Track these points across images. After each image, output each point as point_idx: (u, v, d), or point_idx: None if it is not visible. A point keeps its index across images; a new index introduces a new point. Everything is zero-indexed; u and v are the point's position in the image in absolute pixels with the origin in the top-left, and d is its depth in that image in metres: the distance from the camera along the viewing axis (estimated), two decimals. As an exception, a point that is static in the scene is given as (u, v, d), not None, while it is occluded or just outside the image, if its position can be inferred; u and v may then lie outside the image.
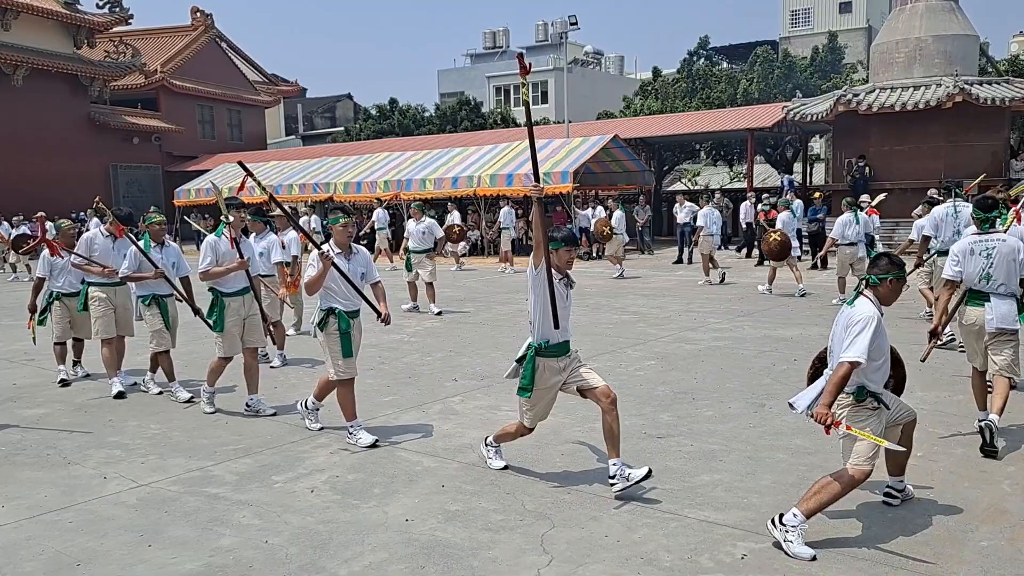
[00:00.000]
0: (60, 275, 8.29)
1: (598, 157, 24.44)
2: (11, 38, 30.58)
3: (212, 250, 6.99)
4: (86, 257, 7.76)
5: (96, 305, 7.83)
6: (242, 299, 7.09)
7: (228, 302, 6.97)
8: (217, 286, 6.99)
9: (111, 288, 7.85)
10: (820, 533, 4.29)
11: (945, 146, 21.03)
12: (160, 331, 7.58)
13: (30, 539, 4.48)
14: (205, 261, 6.98)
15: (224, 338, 6.98)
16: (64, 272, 8.24)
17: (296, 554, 4.21)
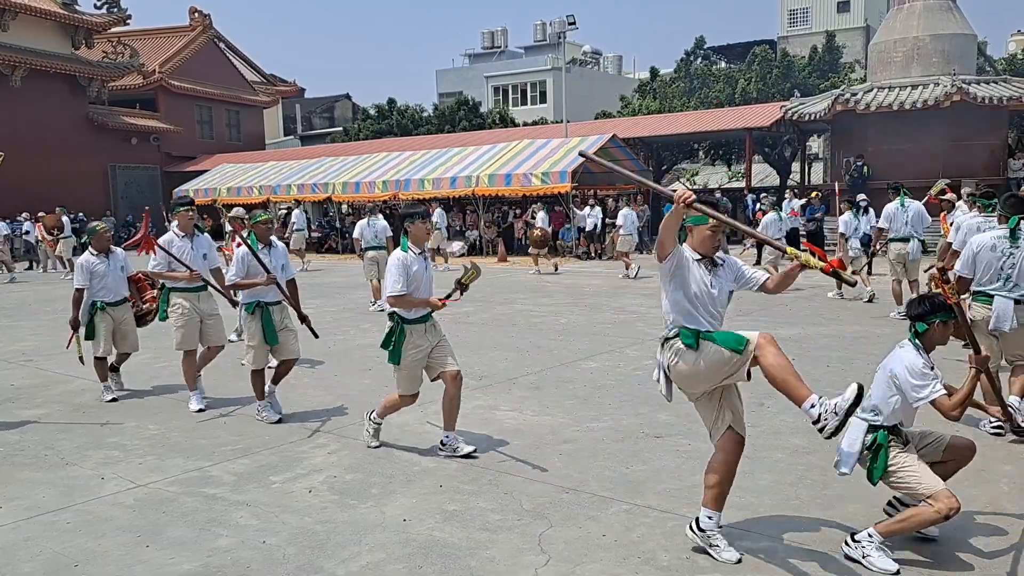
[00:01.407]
0: (101, 283, 7.50)
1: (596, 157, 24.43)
2: (9, 38, 30.56)
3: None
4: (175, 256, 7.10)
5: (178, 314, 7.16)
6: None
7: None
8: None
9: (194, 294, 7.21)
10: (819, 533, 4.30)
11: (943, 145, 21.07)
12: (257, 347, 6.65)
13: (28, 540, 4.48)
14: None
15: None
16: (105, 279, 7.49)
17: (294, 554, 4.21)
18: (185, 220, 7.18)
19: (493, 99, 49.42)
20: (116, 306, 7.57)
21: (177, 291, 7.18)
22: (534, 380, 7.99)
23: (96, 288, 7.44)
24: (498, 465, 5.49)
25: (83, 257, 7.48)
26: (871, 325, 10.54)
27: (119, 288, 7.59)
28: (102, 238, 7.55)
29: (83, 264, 7.42)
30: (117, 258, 7.60)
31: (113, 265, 7.53)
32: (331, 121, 54.16)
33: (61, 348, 10.47)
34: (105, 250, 7.53)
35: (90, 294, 7.44)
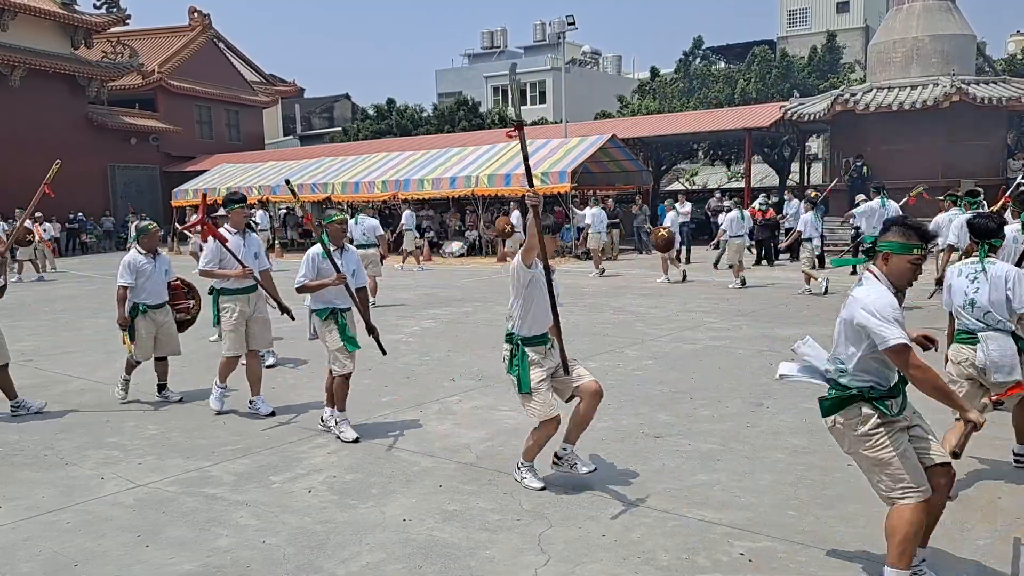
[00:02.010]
0: (145, 284, 7.24)
1: (596, 157, 24.45)
2: (9, 38, 30.55)
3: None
4: (230, 250, 6.75)
5: (227, 317, 6.83)
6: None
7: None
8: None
9: (244, 296, 6.86)
10: (819, 534, 4.31)
11: (942, 146, 21.06)
12: (340, 351, 6.16)
13: (28, 540, 4.48)
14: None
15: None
16: (149, 281, 7.25)
17: (294, 554, 4.21)
18: (239, 217, 6.92)
19: (493, 99, 49.39)
20: (157, 309, 7.38)
21: (228, 293, 6.85)
22: (534, 380, 7.98)
23: (139, 289, 7.23)
24: (498, 465, 5.49)
25: (130, 255, 7.27)
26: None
27: (161, 291, 7.42)
28: (153, 238, 7.38)
29: (130, 262, 7.18)
30: (163, 261, 7.43)
31: (159, 267, 7.34)
32: (330, 121, 54.15)
33: (61, 348, 10.50)
34: (153, 251, 7.37)
35: (132, 296, 7.21)
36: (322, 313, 6.19)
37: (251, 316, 6.90)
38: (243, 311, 6.85)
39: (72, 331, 11.96)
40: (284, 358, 9.27)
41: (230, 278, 6.77)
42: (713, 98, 34.53)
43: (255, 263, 6.90)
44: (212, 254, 6.80)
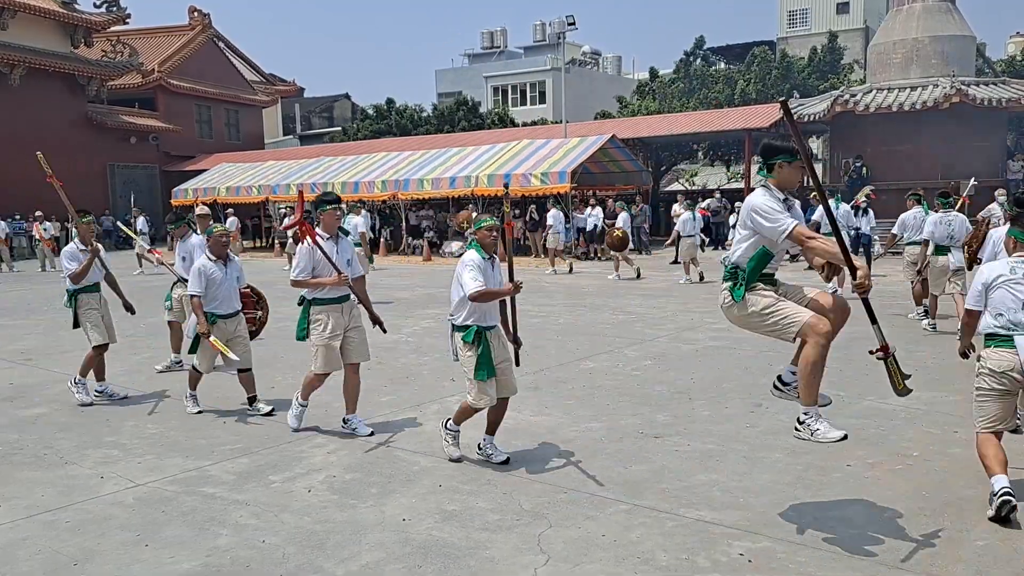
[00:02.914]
0: (216, 291, 6.81)
1: (596, 157, 24.45)
2: (8, 37, 30.53)
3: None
4: (326, 254, 6.09)
5: (319, 330, 6.10)
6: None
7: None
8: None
9: (338, 305, 6.17)
10: (818, 533, 4.31)
11: (942, 146, 21.08)
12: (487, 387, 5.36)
13: (27, 539, 4.48)
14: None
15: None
16: (220, 288, 6.82)
17: (293, 554, 4.21)
18: (332, 220, 6.23)
19: (492, 99, 49.40)
20: (229, 318, 6.91)
21: (321, 303, 6.12)
22: (533, 380, 7.99)
23: (210, 297, 6.78)
24: (497, 465, 5.49)
25: (200, 262, 6.84)
26: (867, 326, 10.54)
27: (233, 299, 6.94)
28: (218, 242, 6.87)
29: (200, 270, 6.75)
30: (235, 266, 6.97)
31: (230, 273, 6.89)
32: (330, 121, 54.16)
33: (61, 348, 10.48)
34: (223, 256, 6.89)
35: (202, 304, 6.80)
36: (468, 335, 5.30)
37: (348, 327, 6.22)
38: (338, 322, 6.14)
39: (71, 330, 11.92)
40: (283, 357, 9.26)
41: (325, 286, 6.07)
42: (713, 98, 34.55)
43: (348, 270, 6.22)
44: (305, 261, 6.07)
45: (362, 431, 6.26)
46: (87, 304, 7.55)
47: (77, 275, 7.40)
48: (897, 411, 6.45)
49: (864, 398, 6.92)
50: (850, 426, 6.14)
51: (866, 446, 5.67)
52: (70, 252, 7.52)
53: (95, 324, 7.52)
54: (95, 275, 7.60)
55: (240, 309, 7.05)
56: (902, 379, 4.34)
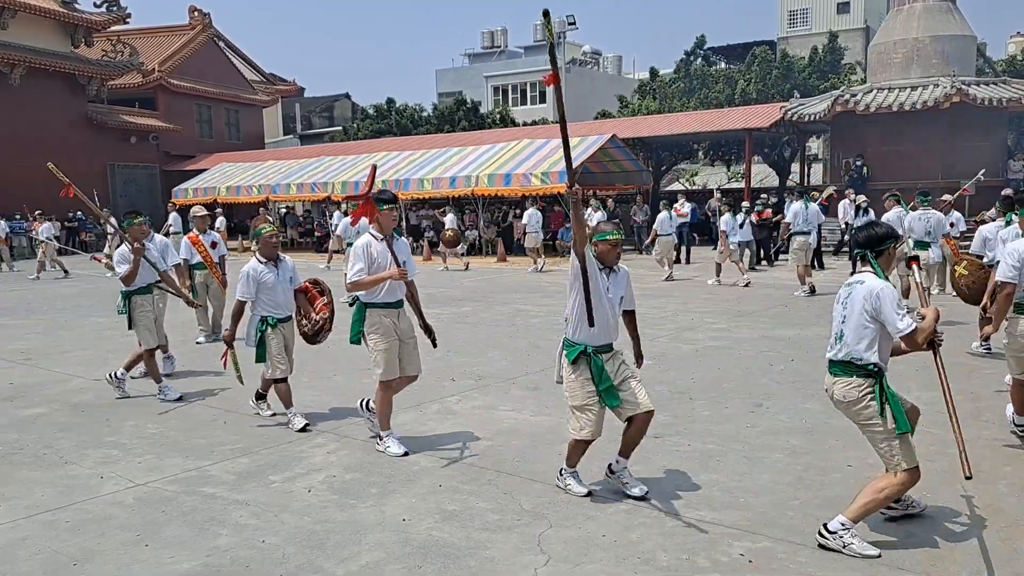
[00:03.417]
0: (270, 295, 6.44)
1: (596, 157, 24.46)
2: (9, 37, 30.53)
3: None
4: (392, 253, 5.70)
5: (379, 335, 5.69)
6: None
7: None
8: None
9: (394, 311, 5.79)
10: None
11: (943, 146, 21.08)
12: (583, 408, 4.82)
13: (27, 539, 4.48)
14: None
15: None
16: (274, 291, 6.45)
17: (293, 554, 4.21)
18: (388, 220, 5.79)
19: (493, 99, 49.39)
20: (285, 323, 6.54)
21: (376, 306, 5.73)
22: (533, 380, 7.99)
23: (264, 301, 6.43)
24: (497, 465, 5.49)
25: (250, 265, 6.44)
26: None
27: (289, 302, 6.58)
28: (268, 243, 6.48)
29: (249, 273, 6.37)
30: (286, 267, 6.57)
31: (282, 275, 6.50)
32: (330, 120, 54.15)
33: (60, 347, 10.49)
34: (274, 257, 6.51)
35: (257, 308, 6.45)
36: (572, 353, 4.83)
37: (403, 335, 5.83)
38: (394, 327, 5.76)
39: (71, 330, 11.96)
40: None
41: (383, 282, 5.63)
42: (713, 98, 34.54)
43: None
44: (363, 260, 5.62)
45: (394, 450, 5.74)
46: (140, 306, 7.57)
47: (127, 277, 7.41)
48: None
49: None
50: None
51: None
52: (121, 254, 7.52)
53: (147, 327, 7.56)
54: (147, 276, 7.61)
55: (291, 315, 6.64)
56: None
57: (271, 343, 6.40)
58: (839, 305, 4.30)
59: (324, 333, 6.74)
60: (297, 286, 6.69)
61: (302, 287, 6.76)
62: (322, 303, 6.76)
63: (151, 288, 7.72)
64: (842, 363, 4.21)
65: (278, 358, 6.43)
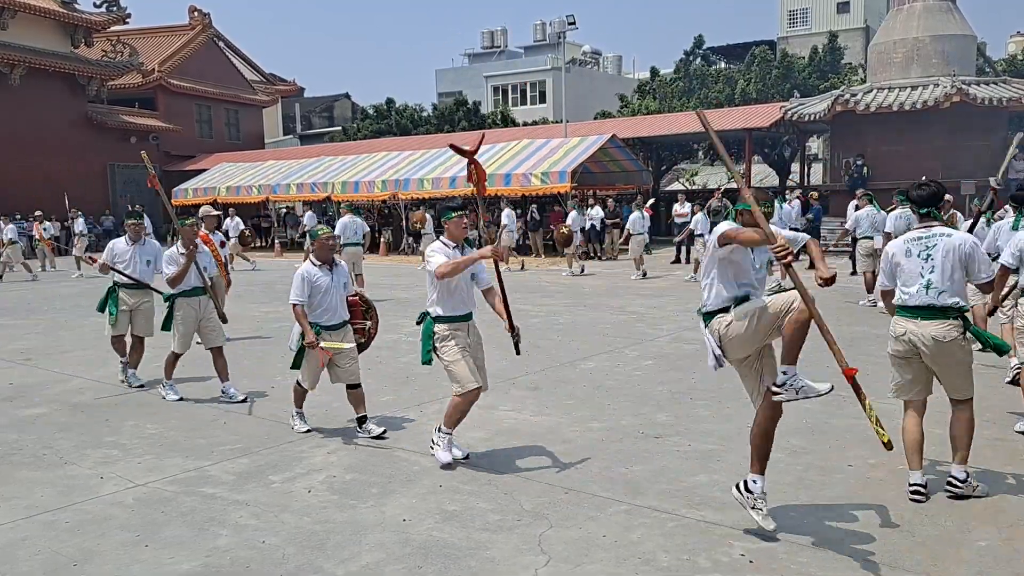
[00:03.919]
0: (322, 300, 6.11)
1: (596, 157, 24.46)
2: (8, 37, 30.53)
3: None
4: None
5: (450, 347, 5.40)
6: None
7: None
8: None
9: (464, 323, 5.52)
10: (819, 533, 4.30)
11: (943, 146, 21.06)
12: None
13: (27, 539, 4.47)
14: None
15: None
16: (327, 297, 6.12)
17: (293, 554, 4.20)
18: (458, 229, 5.61)
19: (493, 99, 49.37)
20: (335, 329, 6.20)
21: (445, 320, 5.45)
22: (533, 380, 7.99)
23: (315, 307, 6.11)
24: (497, 465, 5.48)
25: (304, 267, 6.12)
26: (871, 325, 10.53)
27: (341, 309, 6.24)
28: (325, 246, 6.18)
29: (304, 276, 6.06)
30: (341, 272, 6.27)
31: (336, 280, 6.18)
32: (330, 120, 54.15)
33: (60, 347, 10.48)
34: (329, 260, 6.20)
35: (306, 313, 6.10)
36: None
37: (473, 346, 5.58)
38: (466, 335, 5.55)
39: (71, 330, 11.95)
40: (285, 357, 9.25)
41: (476, 262, 5.43)
42: (713, 98, 34.51)
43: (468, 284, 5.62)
44: (443, 254, 5.45)
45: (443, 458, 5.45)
46: (184, 310, 7.37)
47: (174, 279, 7.23)
48: (897, 411, 6.43)
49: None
50: (851, 426, 6.16)
51: (867, 446, 5.66)
52: (170, 256, 7.40)
53: (183, 333, 7.39)
54: (195, 279, 7.40)
55: (348, 320, 6.32)
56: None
57: (310, 352, 6.08)
58: (915, 258, 4.78)
59: (359, 350, 6.48)
60: (351, 293, 6.41)
61: (351, 299, 6.44)
62: (360, 327, 6.49)
63: (199, 291, 7.43)
64: (939, 308, 4.67)
65: (314, 370, 6.16)
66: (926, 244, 4.77)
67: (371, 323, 6.69)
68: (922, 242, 4.78)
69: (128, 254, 7.99)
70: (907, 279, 4.80)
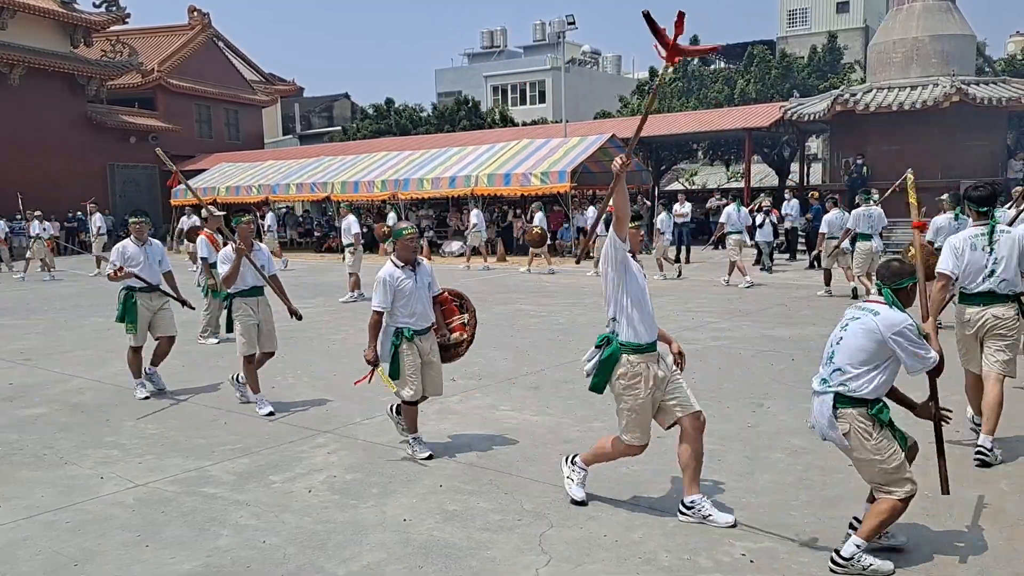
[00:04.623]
0: (407, 305, 5.60)
1: (596, 157, 24.42)
2: (8, 37, 30.50)
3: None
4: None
5: (638, 388, 4.69)
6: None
7: None
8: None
9: (651, 354, 4.87)
10: (819, 533, 4.30)
11: (942, 146, 21.07)
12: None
13: (27, 539, 4.47)
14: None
15: None
16: (411, 300, 5.61)
17: (294, 554, 4.20)
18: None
19: (492, 99, 49.37)
20: (425, 334, 5.74)
21: (635, 350, 4.75)
22: (533, 380, 7.99)
23: (400, 311, 5.62)
24: (498, 465, 5.48)
25: (385, 270, 5.62)
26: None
27: (427, 312, 5.76)
28: (408, 246, 5.66)
29: (386, 279, 5.56)
30: (425, 272, 5.76)
31: (420, 281, 5.69)
32: (330, 120, 54.12)
33: (60, 347, 10.48)
34: (412, 261, 5.71)
35: (391, 319, 5.66)
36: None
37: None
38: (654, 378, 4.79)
39: (71, 330, 11.95)
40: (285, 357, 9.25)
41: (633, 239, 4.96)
42: (712, 98, 34.53)
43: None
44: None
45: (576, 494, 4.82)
46: (242, 310, 7.01)
47: (227, 278, 6.93)
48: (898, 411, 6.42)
49: (865, 398, 6.91)
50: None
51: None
52: (225, 254, 7.02)
53: (244, 332, 7.00)
54: (252, 278, 7.06)
55: (432, 324, 5.85)
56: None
57: (405, 359, 5.59)
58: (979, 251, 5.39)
59: (462, 349, 6.07)
60: (436, 293, 5.90)
61: (440, 297, 5.96)
62: (458, 322, 6.01)
63: (257, 291, 7.10)
64: (1001, 294, 5.38)
65: (411, 377, 5.63)
66: (988, 240, 5.42)
67: (468, 315, 6.12)
68: (983, 238, 5.43)
69: (140, 256, 7.72)
70: (972, 270, 5.43)
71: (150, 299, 7.75)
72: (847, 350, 3.95)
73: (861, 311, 4.02)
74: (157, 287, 7.81)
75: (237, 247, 6.92)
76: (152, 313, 7.76)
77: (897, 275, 3.99)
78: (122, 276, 7.56)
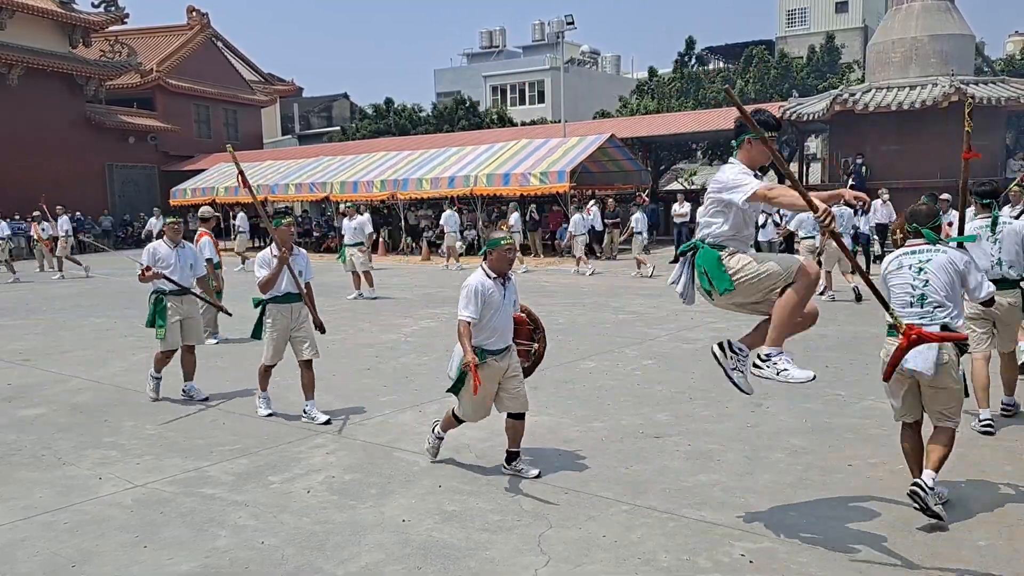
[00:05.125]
0: (493, 318, 5.13)
1: (595, 157, 24.44)
2: (7, 37, 30.47)
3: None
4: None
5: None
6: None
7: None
8: None
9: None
10: (819, 533, 4.29)
11: (941, 146, 21.05)
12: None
13: (25, 540, 4.46)
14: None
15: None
16: (498, 315, 5.15)
17: (292, 555, 4.20)
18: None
19: (491, 99, 49.34)
20: (501, 355, 5.23)
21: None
22: (533, 380, 7.93)
23: (482, 327, 5.11)
24: (497, 465, 5.47)
25: (477, 279, 5.14)
26: (869, 325, 10.53)
27: (508, 329, 5.28)
28: (504, 257, 5.18)
29: (479, 290, 5.08)
30: (512, 287, 5.31)
31: (508, 297, 5.22)
32: (329, 120, 54.09)
33: (59, 348, 10.47)
34: (504, 273, 5.23)
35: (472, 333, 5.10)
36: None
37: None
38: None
39: (71, 330, 11.93)
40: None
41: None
42: (711, 98, 34.52)
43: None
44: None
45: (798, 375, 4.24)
46: (273, 316, 6.68)
47: (265, 284, 6.57)
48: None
49: (864, 398, 6.91)
50: (852, 426, 6.16)
51: (868, 446, 5.66)
52: (263, 258, 6.68)
53: (273, 340, 6.70)
54: (287, 284, 6.69)
55: (508, 346, 5.32)
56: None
57: (471, 379, 4.99)
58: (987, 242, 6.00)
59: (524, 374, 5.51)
60: (518, 310, 5.49)
61: (516, 317, 5.49)
62: (525, 348, 5.56)
63: (291, 297, 6.70)
64: (1010, 280, 5.96)
65: (478, 399, 5.13)
66: (991, 230, 6.04)
67: (538, 345, 5.66)
68: (987, 229, 6.03)
69: (172, 258, 7.46)
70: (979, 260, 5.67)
71: (180, 303, 7.49)
72: (939, 286, 4.47)
73: (922, 252, 4.58)
74: (188, 290, 7.57)
75: (280, 253, 6.53)
76: (181, 319, 7.50)
77: (931, 215, 4.68)
78: (151, 277, 7.35)
